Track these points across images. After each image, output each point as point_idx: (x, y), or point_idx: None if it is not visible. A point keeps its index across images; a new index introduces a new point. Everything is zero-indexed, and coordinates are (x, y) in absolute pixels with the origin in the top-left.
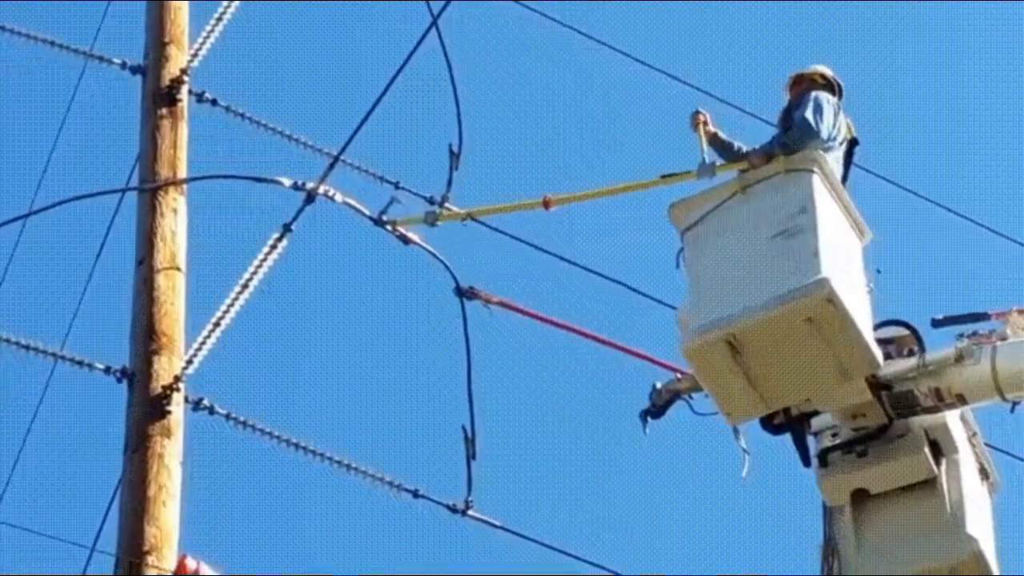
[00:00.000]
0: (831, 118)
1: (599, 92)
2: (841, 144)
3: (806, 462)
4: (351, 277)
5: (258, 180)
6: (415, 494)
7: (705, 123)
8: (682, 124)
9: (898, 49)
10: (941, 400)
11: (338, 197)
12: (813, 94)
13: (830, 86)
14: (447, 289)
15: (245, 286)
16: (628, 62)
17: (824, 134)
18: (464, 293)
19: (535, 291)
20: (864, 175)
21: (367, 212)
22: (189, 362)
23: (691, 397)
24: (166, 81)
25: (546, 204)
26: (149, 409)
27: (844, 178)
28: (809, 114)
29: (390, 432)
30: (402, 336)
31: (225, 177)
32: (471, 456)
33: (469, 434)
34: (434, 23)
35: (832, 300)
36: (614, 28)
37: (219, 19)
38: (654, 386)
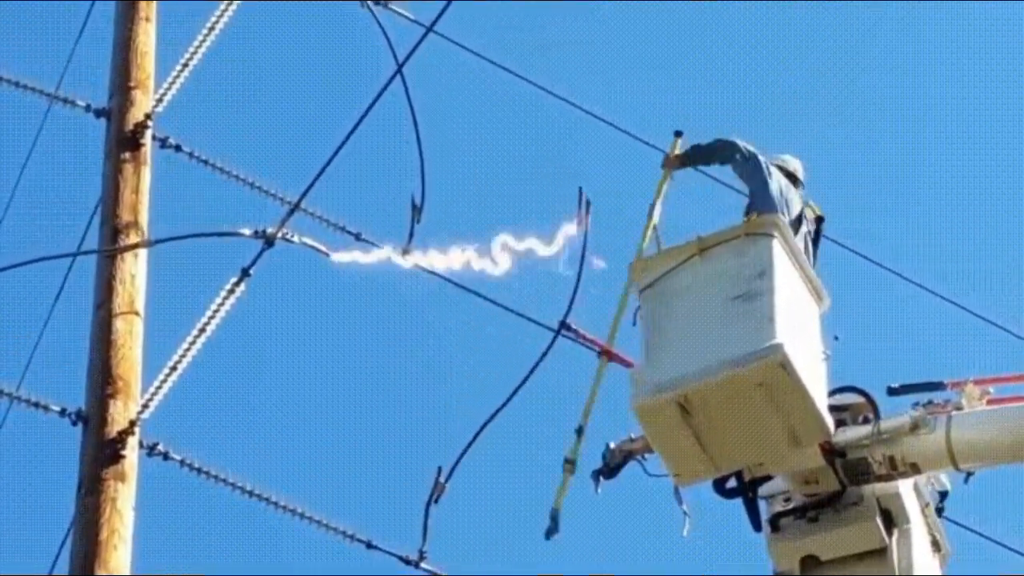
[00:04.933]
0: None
1: (563, 147)
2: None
3: (757, 527)
4: (308, 323)
5: (219, 235)
6: (368, 545)
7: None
8: (643, 179)
9: (850, 121)
10: (895, 468)
11: (296, 238)
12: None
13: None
14: (400, 335)
15: (202, 331)
16: (592, 119)
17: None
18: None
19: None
20: (824, 242)
21: (324, 249)
22: (145, 407)
23: (644, 458)
24: (130, 125)
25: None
26: (103, 453)
27: (813, 256)
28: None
29: (346, 480)
30: (359, 384)
31: (186, 237)
32: (434, 499)
33: (441, 476)
34: (399, 71)
35: (785, 366)
36: (582, 83)
37: (185, 65)
38: (607, 446)
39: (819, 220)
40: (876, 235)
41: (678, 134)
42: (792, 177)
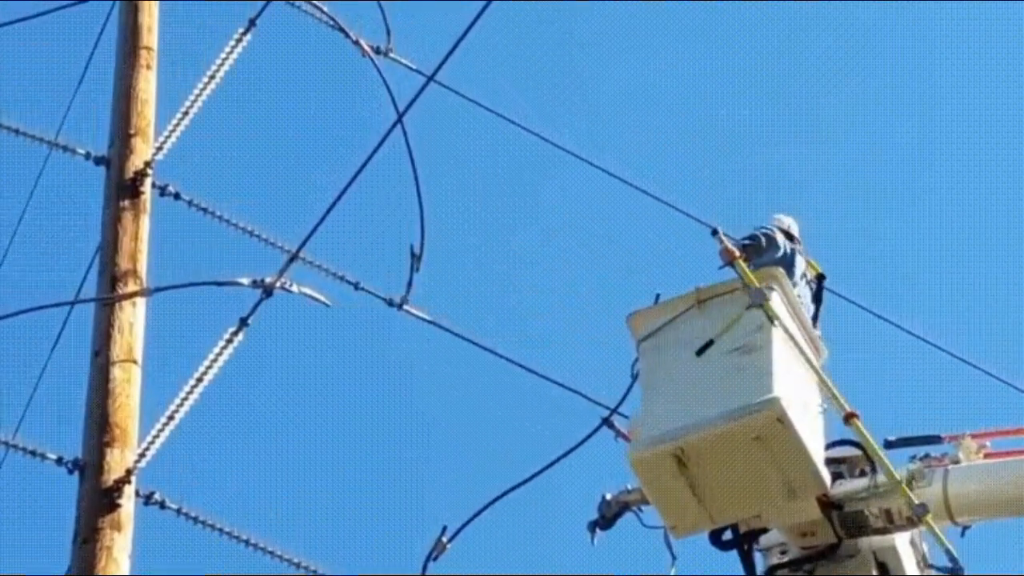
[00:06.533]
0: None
1: (562, 196)
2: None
3: None
4: (306, 372)
5: (218, 284)
6: None
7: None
8: (636, 227)
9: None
10: (891, 522)
11: (295, 288)
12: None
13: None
14: (397, 386)
15: (200, 379)
16: (591, 169)
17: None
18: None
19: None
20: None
21: (323, 299)
22: (142, 455)
23: (640, 509)
24: (130, 173)
25: None
26: (100, 502)
27: (816, 314)
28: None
29: (343, 530)
30: (356, 433)
31: (185, 286)
32: (433, 556)
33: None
34: (399, 120)
35: (782, 419)
36: (585, 131)
37: (185, 113)
38: (603, 497)
39: (820, 278)
40: (874, 281)
41: (715, 232)
42: (788, 235)
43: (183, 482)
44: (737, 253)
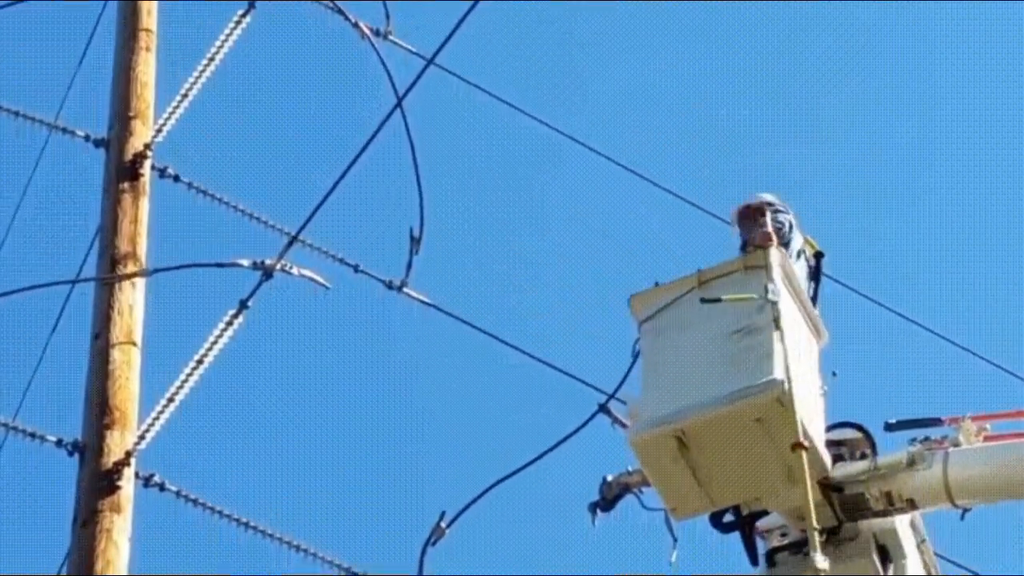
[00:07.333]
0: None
1: (563, 180)
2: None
3: (754, 561)
4: (306, 355)
5: (218, 266)
6: None
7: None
8: (638, 216)
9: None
10: (891, 504)
11: (294, 270)
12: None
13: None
14: (398, 369)
15: (200, 362)
16: (591, 156)
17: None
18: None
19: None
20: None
21: (323, 281)
22: (141, 437)
23: (641, 491)
24: (129, 155)
25: None
26: (99, 484)
27: (815, 293)
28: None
29: (342, 513)
30: (356, 416)
31: (184, 267)
32: (431, 541)
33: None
34: (399, 104)
35: (782, 401)
36: (584, 115)
37: (185, 95)
38: (604, 479)
39: (818, 256)
40: (874, 272)
41: (763, 213)
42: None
43: (183, 464)
44: (776, 240)
